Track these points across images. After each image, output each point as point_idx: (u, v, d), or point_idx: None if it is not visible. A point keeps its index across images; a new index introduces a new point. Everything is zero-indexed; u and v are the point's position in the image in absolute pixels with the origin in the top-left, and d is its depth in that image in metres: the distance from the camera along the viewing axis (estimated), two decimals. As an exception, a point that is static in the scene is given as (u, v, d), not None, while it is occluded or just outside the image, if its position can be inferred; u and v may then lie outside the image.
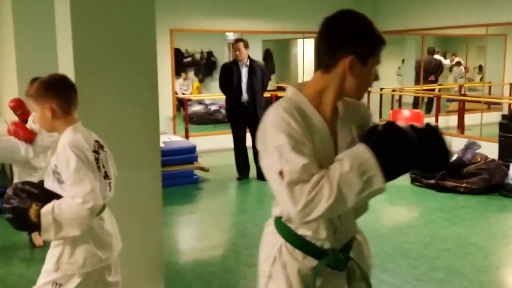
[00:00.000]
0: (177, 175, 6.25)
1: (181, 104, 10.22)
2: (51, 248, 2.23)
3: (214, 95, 11.60)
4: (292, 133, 1.47)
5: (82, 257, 2.17)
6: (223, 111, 11.08)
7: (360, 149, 1.47)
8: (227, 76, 6.40)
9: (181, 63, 12.77)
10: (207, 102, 11.88)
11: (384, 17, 9.22)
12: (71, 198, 2.06)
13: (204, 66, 14.23)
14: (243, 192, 6.43)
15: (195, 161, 6.56)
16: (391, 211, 5.54)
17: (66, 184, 2.08)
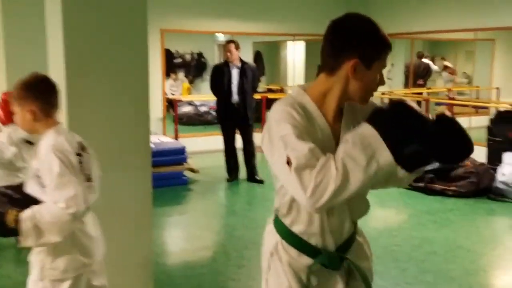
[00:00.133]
0: (166, 176, 6.23)
1: (171, 105, 10.18)
2: (33, 256, 2.18)
3: (204, 96, 11.59)
4: (296, 124, 1.47)
5: (64, 262, 2.12)
6: (213, 112, 11.06)
7: (363, 126, 1.45)
8: (218, 77, 6.39)
9: (171, 64, 12.73)
10: (197, 103, 11.86)
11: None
12: (53, 203, 2.00)
13: (194, 67, 14.21)
14: (233, 194, 6.42)
15: (185, 162, 6.55)
16: (380, 214, 5.56)
17: (48, 188, 2.03)
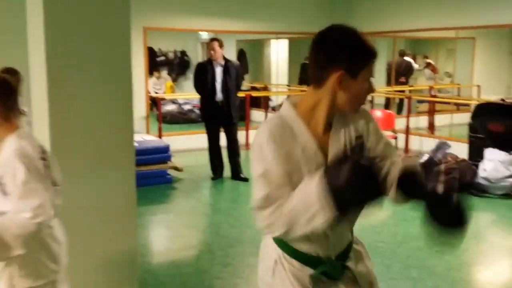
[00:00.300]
0: (150, 175, 6.19)
1: (154, 103, 10.12)
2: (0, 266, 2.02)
3: (187, 95, 11.55)
4: (266, 159, 1.53)
5: (34, 270, 2.00)
6: (196, 110, 11.04)
7: (314, 183, 1.45)
8: (201, 76, 6.37)
9: (154, 62, 12.66)
10: (180, 101, 11.81)
11: (356, 19, 9.31)
12: (18, 212, 1.88)
13: (177, 66, 14.15)
14: (217, 192, 6.40)
15: (169, 160, 6.51)
16: (363, 211, 5.59)
17: (12, 196, 1.90)
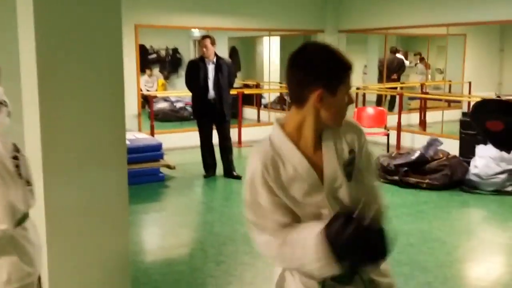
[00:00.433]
0: (142, 173, 6.18)
1: (146, 101, 10.09)
2: None
3: (179, 92, 11.53)
4: (255, 191, 1.61)
5: (6, 272, 1.89)
6: (189, 108, 11.02)
7: (318, 241, 1.50)
8: (193, 73, 6.35)
9: (146, 59, 12.62)
10: (172, 99, 11.79)
11: (347, 16, 9.34)
12: None
13: (169, 63, 14.11)
14: (210, 190, 6.40)
15: (161, 158, 6.50)
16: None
17: None
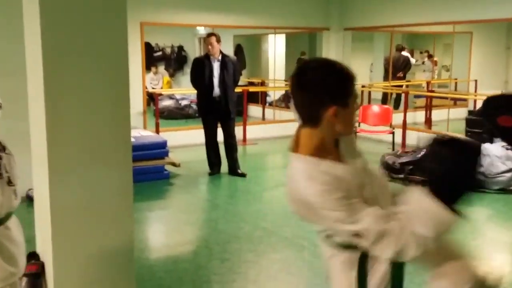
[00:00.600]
0: (147, 171, 6.19)
1: (152, 98, 10.12)
2: None
3: (185, 90, 11.54)
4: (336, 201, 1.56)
5: None
6: (194, 106, 11.04)
7: (426, 200, 1.51)
8: (198, 71, 6.36)
9: (151, 57, 12.65)
10: (177, 97, 11.81)
11: (353, 14, 9.32)
12: None
13: (174, 61, 14.14)
14: (215, 188, 6.41)
15: (166, 156, 6.52)
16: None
17: None
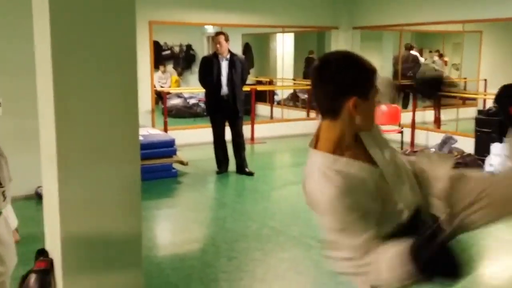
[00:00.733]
0: (155, 169, 6.21)
1: (160, 97, 10.15)
2: None
3: (193, 89, 11.56)
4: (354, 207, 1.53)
5: None
6: (202, 104, 11.06)
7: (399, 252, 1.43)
8: (207, 69, 6.37)
9: (159, 56, 12.68)
10: (186, 95, 11.84)
11: (362, 12, 9.29)
12: None
13: (183, 60, 14.16)
14: (222, 186, 6.43)
15: (174, 154, 6.53)
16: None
17: None
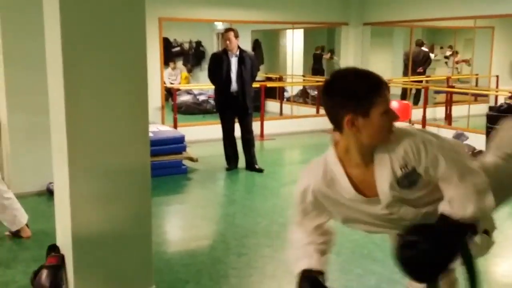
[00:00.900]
0: (165, 165, 6.23)
1: (170, 94, 10.17)
2: None
3: (202, 85, 11.57)
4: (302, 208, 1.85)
5: None
6: (211, 101, 11.06)
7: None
8: (216, 66, 6.36)
9: (169, 52, 12.70)
10: (195, 92, 11.85)
11: (372, 8, 9.23)
12: None
13: (192, 56, 14.18)
14: (232, 183, 6.43)
15: (184, 151, 6.55)
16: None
17: None
